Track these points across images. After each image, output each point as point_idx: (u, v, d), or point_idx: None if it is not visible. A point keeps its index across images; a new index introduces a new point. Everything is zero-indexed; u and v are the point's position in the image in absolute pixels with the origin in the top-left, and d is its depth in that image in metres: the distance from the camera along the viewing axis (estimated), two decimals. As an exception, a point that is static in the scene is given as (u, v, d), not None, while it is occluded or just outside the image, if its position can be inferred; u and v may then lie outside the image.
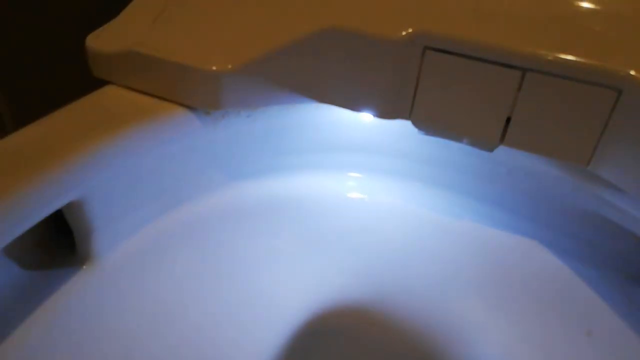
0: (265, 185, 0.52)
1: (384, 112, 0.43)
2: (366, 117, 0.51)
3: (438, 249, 0.50)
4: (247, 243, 0.50)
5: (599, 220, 0.44)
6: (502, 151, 0.44)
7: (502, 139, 0.40)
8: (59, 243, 0.43)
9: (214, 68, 0.42)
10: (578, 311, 0.43)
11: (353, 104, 0.43)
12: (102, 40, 0.46)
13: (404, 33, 0.39)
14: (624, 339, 0.41)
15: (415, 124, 0.43)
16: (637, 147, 0.35)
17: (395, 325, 0.50)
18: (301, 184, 0.53)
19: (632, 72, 0.34)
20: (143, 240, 0.44)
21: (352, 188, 0.53)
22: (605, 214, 0.43)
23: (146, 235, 0.44)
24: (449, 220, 0.50)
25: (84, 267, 0.41)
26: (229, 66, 0.41)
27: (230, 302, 0.47)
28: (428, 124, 0.42)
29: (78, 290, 0.41)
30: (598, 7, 0.38)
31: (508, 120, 0.39)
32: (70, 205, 0.38)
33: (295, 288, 0.49)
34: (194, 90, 0.43)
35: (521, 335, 0.44)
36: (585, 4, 0.39)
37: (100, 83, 0.46)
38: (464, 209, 0.50)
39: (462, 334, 0.47)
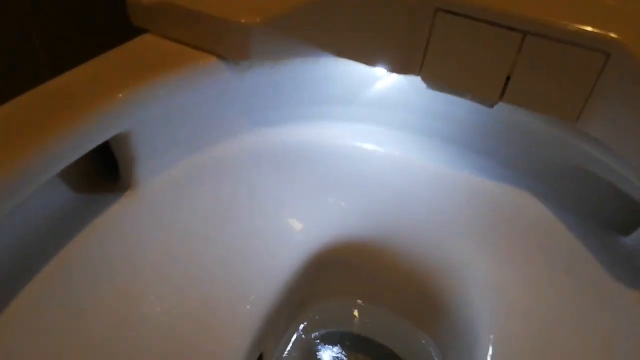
0: (285, 132, 0.57)
1: (397, 68, 0.47)
2: (380, 73, 0.56)
3: (438, 196, 0.55)
4: (267, 183, 0.55)
5: (584, 174, 0.49)
6: (501, 109, 0.48)
7: (501, 96, 0.44)
8: (104, 175, 0.49)
9: (244, 21, 0.46)
10: (560, 253, 0.49)
11: (369, 59, 0.48)
12: (142, -8, 0.50)
13: (418, -6, 0.43)
14: (598, 276, 0.46)
15: (424, 79, 0.47)
16: (621, 107, 0.40)
17: (394, 261, 0.56)
18: (318, 132, 0.58)
19: (620, 38, 0.38)
20: (177, 173, 0.50)
21: (364, 139, 0.58)
22: (590, 168, 0.48)
23: (180, 169, 0.50)
24: (449, 171, 0.55)
25: (126, 193, 0.47)
26: (258, 19, 0.46)
27: (251, 232, 0.52)
28: (436, 80, 0.47)
29: (120, 213, 0.47)
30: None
31: (508, 79, 0.44)
32: (117, 137, 0.43)
33: (309, 224, 0.55)
34: (225, 41, 0.47)
35: (507, 272, 0.50)
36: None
37: (132, 32, 0.51)
38: (464, 161, 0.55)
39: (454, 270, 0.53)
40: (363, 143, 0.58)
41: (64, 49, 0.74)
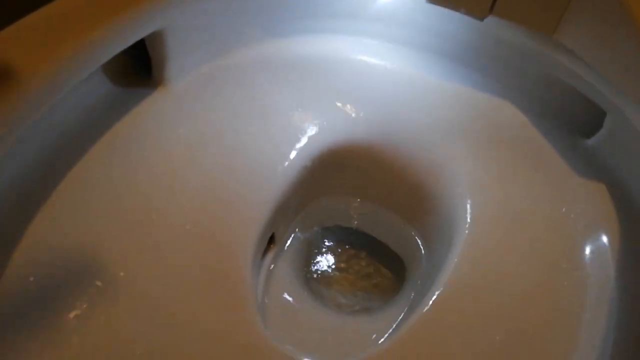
0: (295, 43, 0.63)
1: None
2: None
3: (431, 105, 0.62)
4: (278, 89, 0.61)
5: (558, 83, 0.57)
6: (489, 25, 0.55)
7: (491, 10, 0.51)
8: (140, 73, 0.55)
9: None
10: (532, 153, 0.57)
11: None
12: None
13: None
14: (563, 171, 0.54)
15: (425, -6, 0.53)
16: (593, 20, 0.47)
17: (390, 163, 0.64)
18: (325, 45, 0.64)
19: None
20: (200, 74, 0.56)
21: (368, 52, 0.64)
22: (564, 78, 0.55)
23: (203, 71, 0.56)
24: (442, 82, 0.62)
25: (158, 88, 0.54)
26: None
27: (264, 131, 0.59)
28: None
29: (152, 105, 0.53)
30: None
31: (497, -6, 0.50)
32: (153, 35, 0.49)
33: (315, 127, 0.61)
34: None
35: (485, 169, 0.57)
36: None
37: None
38: (455, 74, 0.62)
39: (440, 170, 0.60)
40: (366, 56, 0.64)
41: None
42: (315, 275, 0.68)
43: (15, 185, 0.44)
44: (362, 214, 0.70)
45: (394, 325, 0.55)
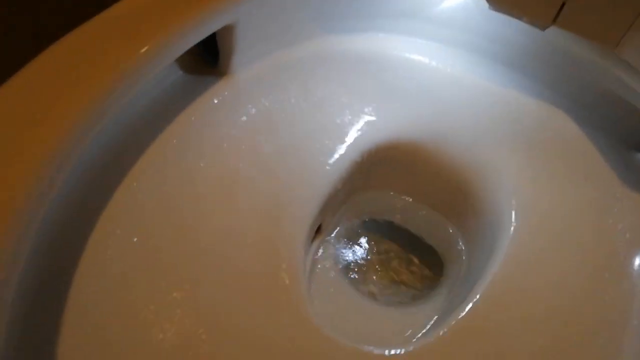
0: (353, 40, 0.65)
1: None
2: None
3: (481, 108, 0.63)
4: (335, 84, 0.63)
5: (614, 97, 0.57)
6: (549, 34, 0.56)
7: (554, 20, 0.52)
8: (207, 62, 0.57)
9: None
10: (582, 163, 0.58)
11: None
12: None
13: None
14: (613, 183, 0.55)
15: (489, 1, 0.54)
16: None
17: (436, 162, 0.65)
18: (381, 43, 0.65)
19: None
20: (265, 65, 0.58)
21: (423, 53, 0.65)
22: (620, 93, 0.56)
23: (267, 62, 0.59)
24: (494, 86, 0.63)
25: (223, 77, 0.56)
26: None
27: (320, 124, 0.61)
28: (499, 1, 0.54)
29: (215, 94, 0.56)
30: None
31: (562, 5, 0.51)
32: (225, 28, 0.52)
33: (365, 124, 0.63)
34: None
35: (532, 176, 0.58)
36: None
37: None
38: (508, 79, 0.63)
39: (487, 173, 0.62)
40: (420, 56, 0.65)
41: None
42: (353, 266, 0.70)
43: (82, 178, 0.46)
44: (404, 210, 0.72)
45: (432, 322, 0.57)
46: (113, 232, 0.45)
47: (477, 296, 0.48)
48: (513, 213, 0.56)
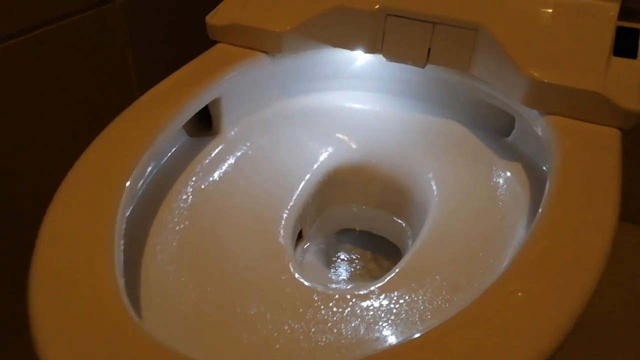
0: (303, 99, 0.91)
1: (369, 49, 0.82)
2: (358, 55, 0.90)
3: (403, 131, 0.88)
4: (297, 132, 0.88)
5: (483, 104, 0.84)
6: (430, 70, 0.83)
7: (427, 60, 0.79)
8: (204, 127, 0.83)
9: (278, 30, 0.81)
10: (472, 151, 0.83)
11: (352, 46, 0.83)
12: (215, 18, 0.85)
13: (376, 7, 0.78)
14: (495, 161, 0.80)
15: (385, 56, 0.82)
16: (492, 60, 0.75)
17: (379, 175, 0.89)
18: (324, 98, 0.92)
19: (482, 20, 0.73)
20: (246, 124, 0.84)
21: (355, 100, 0.92)
22: (484, 98, 0.83)
23: (245, 123, 0.84)
24: (407, 114, 0.89)
25: (217, 136, 0.81)
26: (287, 28, 0.80)
27: (289, 159, 0.84)
28: (391, 55, 0.82)
29: (213, 148, 0.80)
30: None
31: (429, 50, 0.78)
32: (214, 101, 0.77)
33: (325, 154, 0.86)
34: (267, 43, 0.82)
35: (441, 166, 0.82)
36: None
37: (206, 43, 0.85)
38: (414, 106, 0.90)
39: (415, 174, 0.85)
40: (352, 103, 0.92)
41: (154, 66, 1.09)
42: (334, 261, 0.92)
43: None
44: (362, 217, 0.95)
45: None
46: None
47: (418, 244, 0.71)
48: (435, 191, 0.79)
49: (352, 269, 0.95)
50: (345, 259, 0.96)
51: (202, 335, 0.56)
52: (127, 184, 0.57)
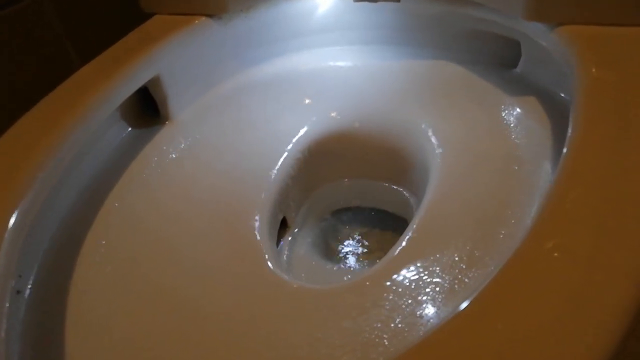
0: (266, 67, 0.77)
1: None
2: (320, 2, 0.76)
3: (385, 84, 0.74)
4: (262, 104, 0.75)
5: (479, 33, 0.69)
6: (408, 3, 0.69)
7: (401, -9, 0.65)
8: (150, 115, 0.70)
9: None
10: (475, 91, 0.68)
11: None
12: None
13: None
14: (505, 100, 0.65)
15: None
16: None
17: (367, 140, 0.75)
18: (287, 61, 0.78)
19: None
20: (199, 105, 0.71)
21: (322, 58, 0.78)
22: (479, 26, 0.68)
23: (198, 104, 0.71)
24: (390, 63, 0.75)
25: (165, 124, 0.68)
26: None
27: (257, 138, 0.71)
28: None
29: (164, 137, 0.67)
30: None
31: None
32: (152, 80, 0.64)
33: (301, 126, 0.73)
34: (208, 2, 0.68)
35: (439, 117, 0.69)
36: None
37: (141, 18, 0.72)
38: (398, 52, 0.75)
39: (409, 131, 0.72)
40: (322, 61, 0.78)
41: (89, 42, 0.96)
42: (331, 247, 0.79)
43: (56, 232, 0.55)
44: (357, 192, 0.81)
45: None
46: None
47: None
48: (435, 146, 0.65)
49: (359, 254, 0.81)
50: (348, 244, 0.82)
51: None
52: (29, 178, 0.46)
